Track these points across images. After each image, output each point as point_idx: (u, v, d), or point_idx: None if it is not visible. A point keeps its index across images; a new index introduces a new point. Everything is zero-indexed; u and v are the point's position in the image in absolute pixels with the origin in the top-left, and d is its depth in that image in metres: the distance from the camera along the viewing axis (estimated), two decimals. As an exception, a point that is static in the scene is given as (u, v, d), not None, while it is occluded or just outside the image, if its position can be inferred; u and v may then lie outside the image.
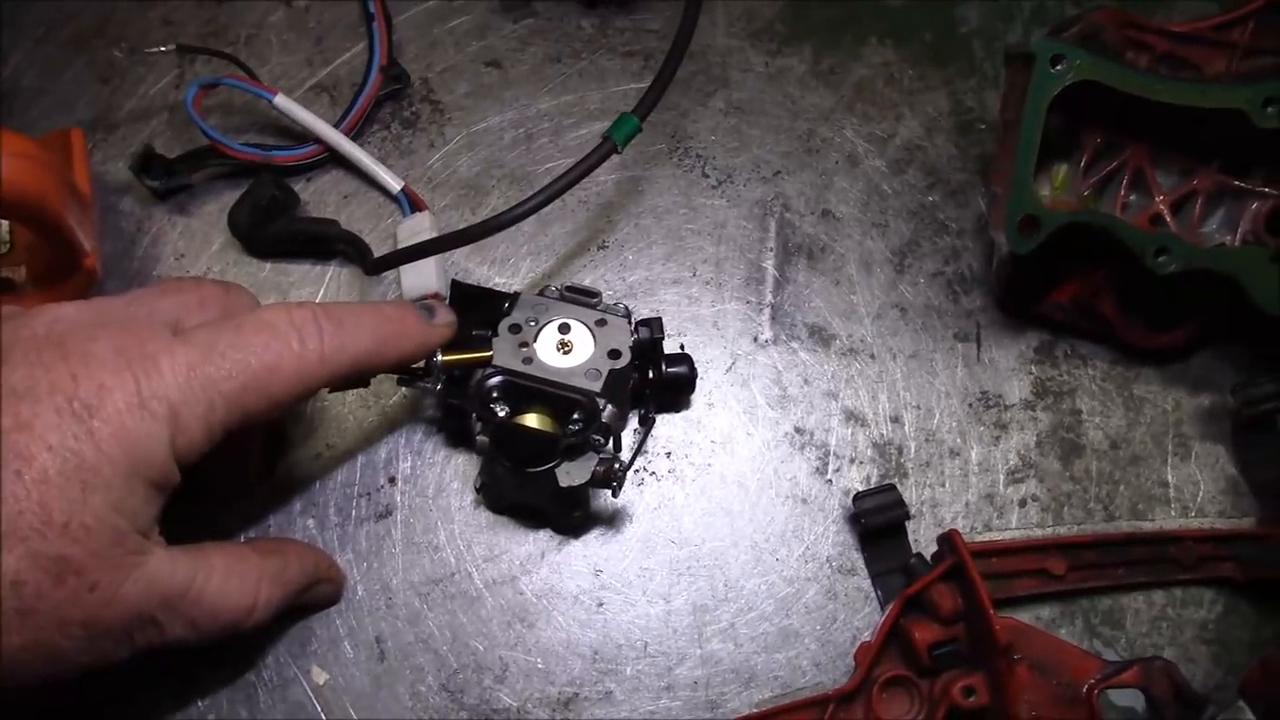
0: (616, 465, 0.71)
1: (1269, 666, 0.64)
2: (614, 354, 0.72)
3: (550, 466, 0.70)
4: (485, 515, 0.76)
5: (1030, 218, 0.72)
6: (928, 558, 0.74)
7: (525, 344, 0.72)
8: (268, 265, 0.81)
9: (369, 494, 0.76)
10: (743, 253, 0.83)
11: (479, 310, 0.74)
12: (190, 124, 0.81)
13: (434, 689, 0.72)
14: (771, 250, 0.83)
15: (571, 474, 0.70)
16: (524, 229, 0.82)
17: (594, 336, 0.73)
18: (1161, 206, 0.76)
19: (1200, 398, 0.80)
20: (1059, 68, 0.70)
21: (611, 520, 0.76)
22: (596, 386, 0.71)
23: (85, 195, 0.75)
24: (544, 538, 0.76)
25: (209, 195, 0.83)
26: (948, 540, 0.71)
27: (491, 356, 0.71)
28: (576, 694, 0.73)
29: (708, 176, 0.84)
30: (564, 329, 0.73)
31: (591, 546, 0.76)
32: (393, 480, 0.77)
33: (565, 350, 0.72)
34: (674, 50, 0.73)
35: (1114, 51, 0.74)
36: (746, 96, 0.87)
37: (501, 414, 0.71)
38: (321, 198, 0.83)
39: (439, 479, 0.77)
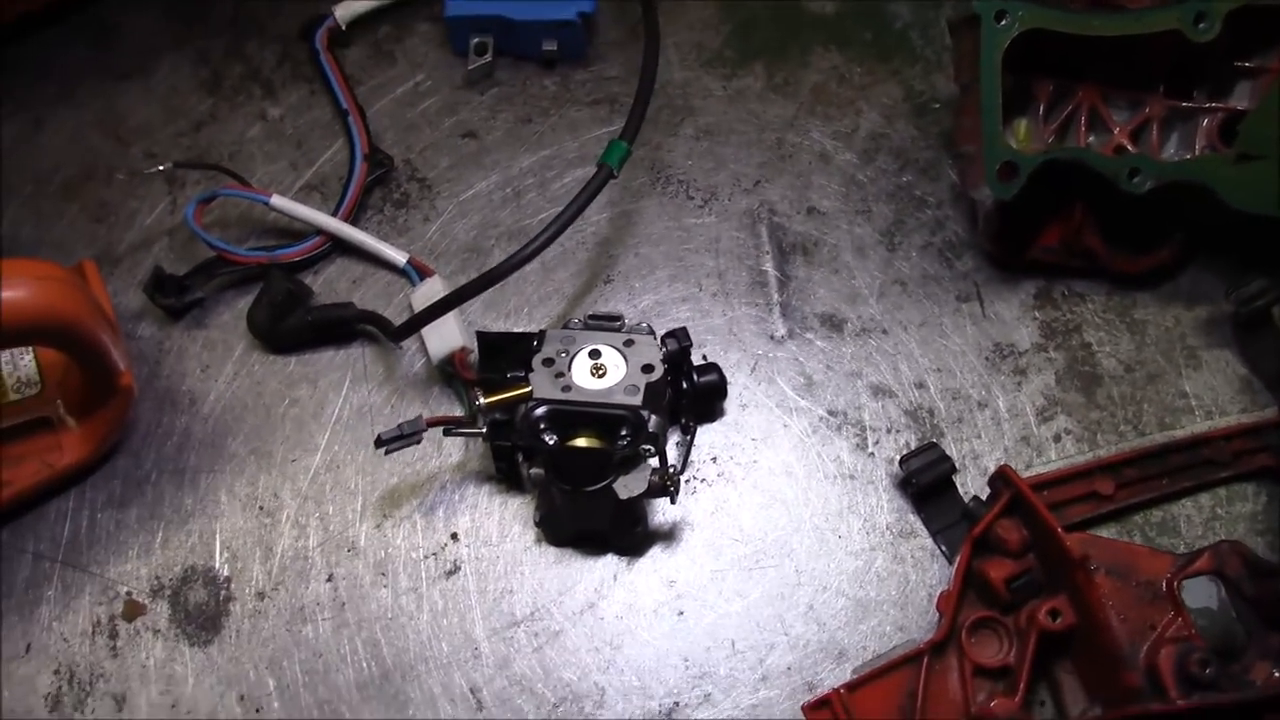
0: (671, 470, 0.73)
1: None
2: (647, 368, 0.75)
3: (608, 482, 0.72)
4: (551, 551, 0.78)
5: (1008, 164, 0.76)
6: (983, 501, 0.76)
7: (561, 374, 0.74)
8: (293, 359, 0.84)
9: (435, 554, 0.78)
10: (741, 261, 0.86)
11: (509, 355, 0.76)
12: (191, 242, 0.85)
13: (537, 728, 0.73)
14: (768, 253, 0.86)
15: (629, 486, 0.72)
16: (530, 278, 0.85)
17: (624, 357, 0.75)
18: (1121, 139, 0.81)
19: (1197, 310, 0.84)
20: (1004, 22, 0.75)
21: (673, 532, 0.78)
22: (637, 400, 0.73)
23: (111, 316, 0.77)
24: (612, 561, 0.77)
25: (221, 305, 0.85)
26: (1001, 476, 0.74)
27: (531, 391, 0.74)
28: (677, 703, 0.73)
29: (693, 198, 0.88)
30: (594, 355, 0.75)
31: (659, 560, 0.77)
32: (455, 536, 0.78)
33: (599, 374, 0.75)
34: (644, 73, 0.78)
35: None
36: (713, 120, 0.91)
37: (551, 442, 0.73)
38: (332, 286, 0.86)
39: (499, 526, 0.78)
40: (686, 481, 0.79)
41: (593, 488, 0.72)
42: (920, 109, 0.91)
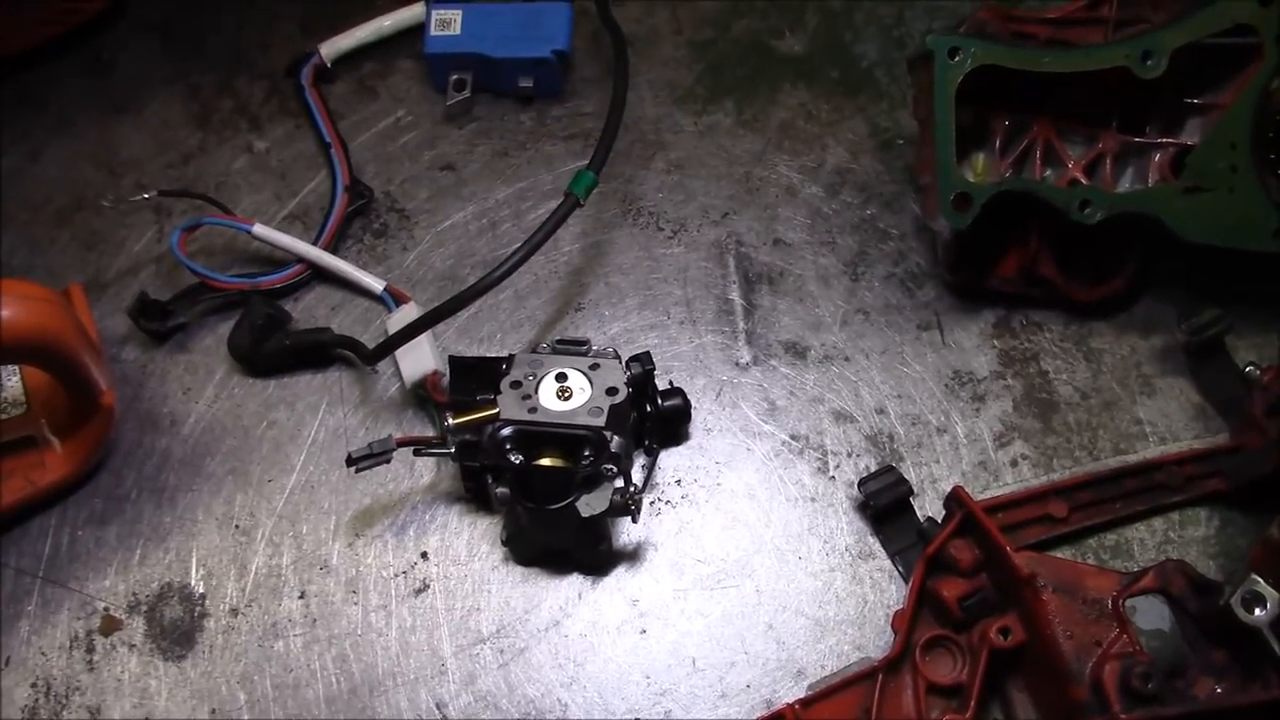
0: (632, 489, 0.75)
1: (1269, 544, 0.68)
2: (611, 391, 0.77)
3: (571, 501, 0.74)
4: (517, 570, 0.80)
5: (962, 195, 0.79)
6: (938, 522, 0.78)
7: (528, 396, 0.76)
8: (271, 382, 0.86)
9: (405, 572, 0.80)
10: (709, 290, 0.89)
11: (479, 378, 0.79)
12: (177, 269, 0.88)
13: (500, 742, 0.75)
14: (735, 283, 0.89)
15: (592, 504, 0.74)
16: (503, 304, 0.88)
17: (590, 380, 0.77)
18: (1075, 172, 0.84)
19: (1151, 339, 0.86)
20: (957, 58, 0.78)
21: (637, 553, 0.80)
22: (600, 421, 0.75)
23: (95, 339, 0.80)
24: (577, 580, 0.79)
25: (203, 330, 0.88)
26: (954, 498, 0.76)
27: (499, 413, 0.76)
28: (638, 719, 0.75)
29: (662, 229, 0.91)
30: (561, 378, 0.77)
31: (624, 580, 0.79)
32: (424, 555, 0.80)
33: (565, 396, 0.77)
34: (614, 105, 0.81)
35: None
36: (683, 154, 0.94)
37: (517, 461, 0.75)
38: (310, 313, 0.88)
39: (468, 545, 0.80)
40: (651, 503, 0.81)
41: (556, 506, 0.74)
42: (885, 145, 0.94)
